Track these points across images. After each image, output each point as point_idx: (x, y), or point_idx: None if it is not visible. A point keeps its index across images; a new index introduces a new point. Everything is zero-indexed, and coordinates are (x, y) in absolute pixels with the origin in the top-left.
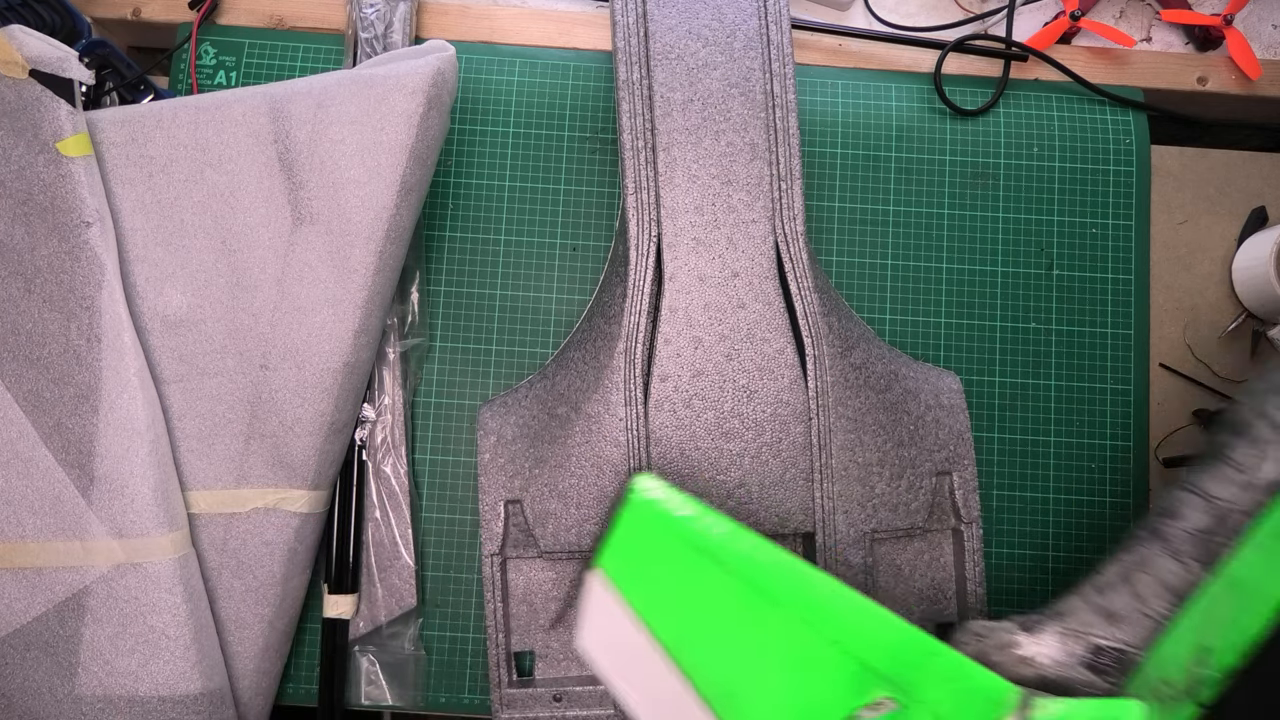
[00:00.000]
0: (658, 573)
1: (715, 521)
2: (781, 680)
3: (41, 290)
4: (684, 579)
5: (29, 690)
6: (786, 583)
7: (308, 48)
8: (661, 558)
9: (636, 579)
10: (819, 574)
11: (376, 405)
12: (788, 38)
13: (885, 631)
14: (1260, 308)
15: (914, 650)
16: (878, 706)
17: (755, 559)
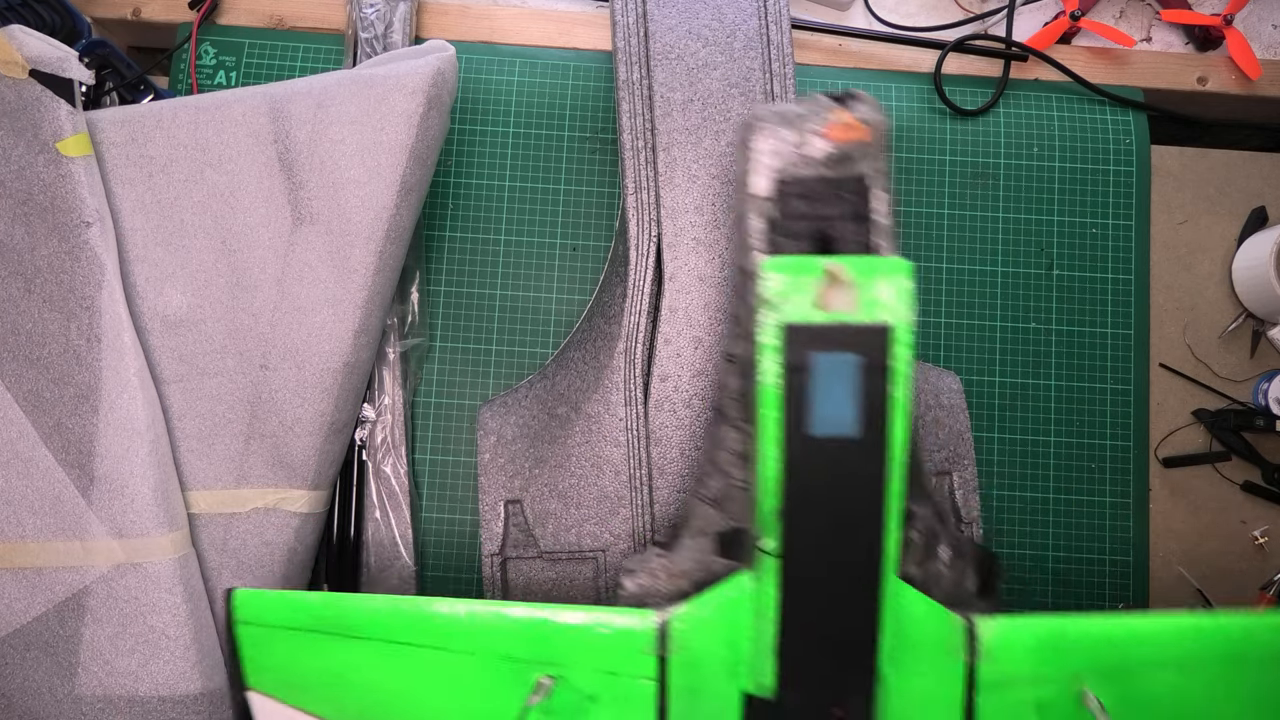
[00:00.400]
0: (301, 666)
1: (318, 601)
2: (453, 708)
3: (41, 290)
4: (325, 662)
5: (29, 690)
6: (406, 622)
7: (308, 48)
8: (297, 654)
9: (285, 682)
10: (434, 601)
11: (376, 405)
12: (788, 38)
13: (511, 623)
14: (1260, 308)
15: (543, 628)
16: (540, 688)
17: (369, 617)
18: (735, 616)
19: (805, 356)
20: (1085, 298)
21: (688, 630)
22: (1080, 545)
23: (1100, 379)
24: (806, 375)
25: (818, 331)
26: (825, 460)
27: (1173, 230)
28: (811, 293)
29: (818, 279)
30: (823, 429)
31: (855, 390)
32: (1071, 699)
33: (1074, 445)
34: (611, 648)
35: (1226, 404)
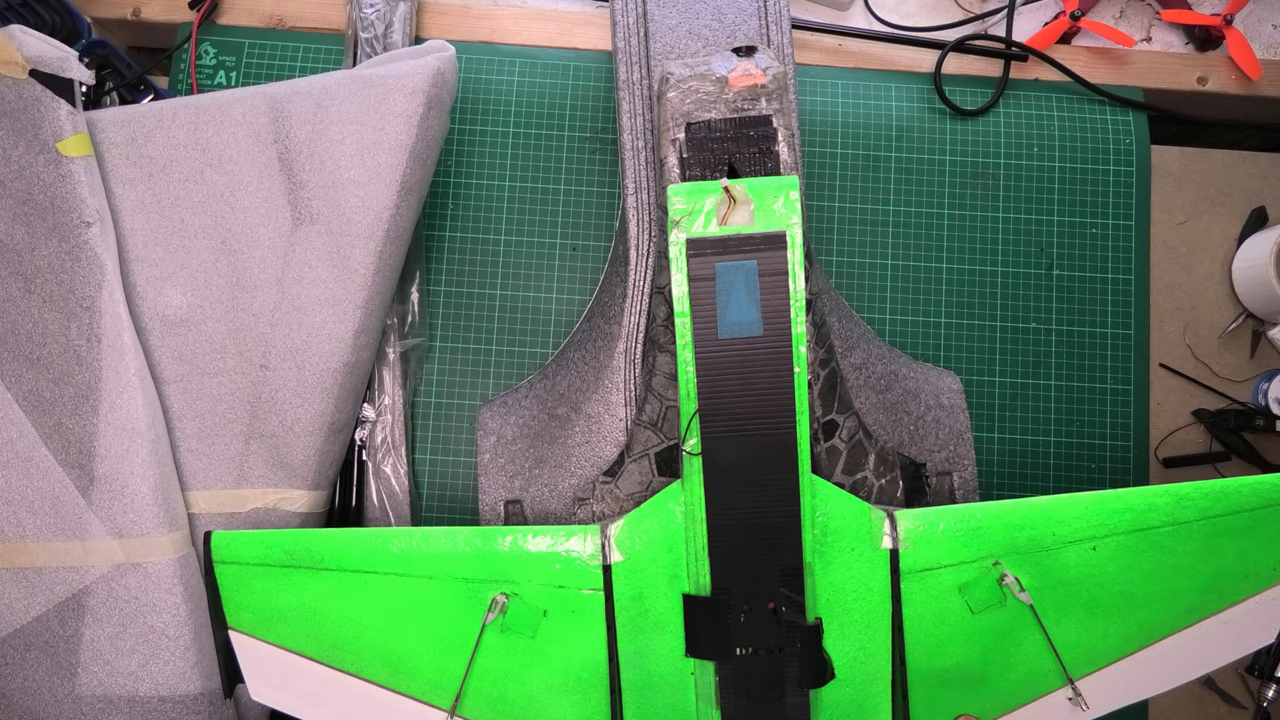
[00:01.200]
0: (276, 603)
1: (288, 537)
2: (417, 630)
3: (41, 290)
4: (298, 596)
5: (29, 690)
6: (368, 552)
7: (308, 48)
8: (271, 590)
9: (262, 619)
10: (393, 531)
11: (376, 405)
12: (788, 38)
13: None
14: (1260, 308)
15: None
16: (495, 604)
17: (335, 548)
18: (670, 521)
19: (709, 266)
20: (1085, 298)
21: (628, 540)
22: None
23: (1100, 379)
24: (712, 283)
25: (718, 243)
26: (736, 359)
27: (1173, 230)
28: (711, 210)
29: (717, 198)
30: (730, 331)
31: (756, 292)
32: (991, 579)
33: (1074, 445)
34: (559, 562)
35: (1226, 404)
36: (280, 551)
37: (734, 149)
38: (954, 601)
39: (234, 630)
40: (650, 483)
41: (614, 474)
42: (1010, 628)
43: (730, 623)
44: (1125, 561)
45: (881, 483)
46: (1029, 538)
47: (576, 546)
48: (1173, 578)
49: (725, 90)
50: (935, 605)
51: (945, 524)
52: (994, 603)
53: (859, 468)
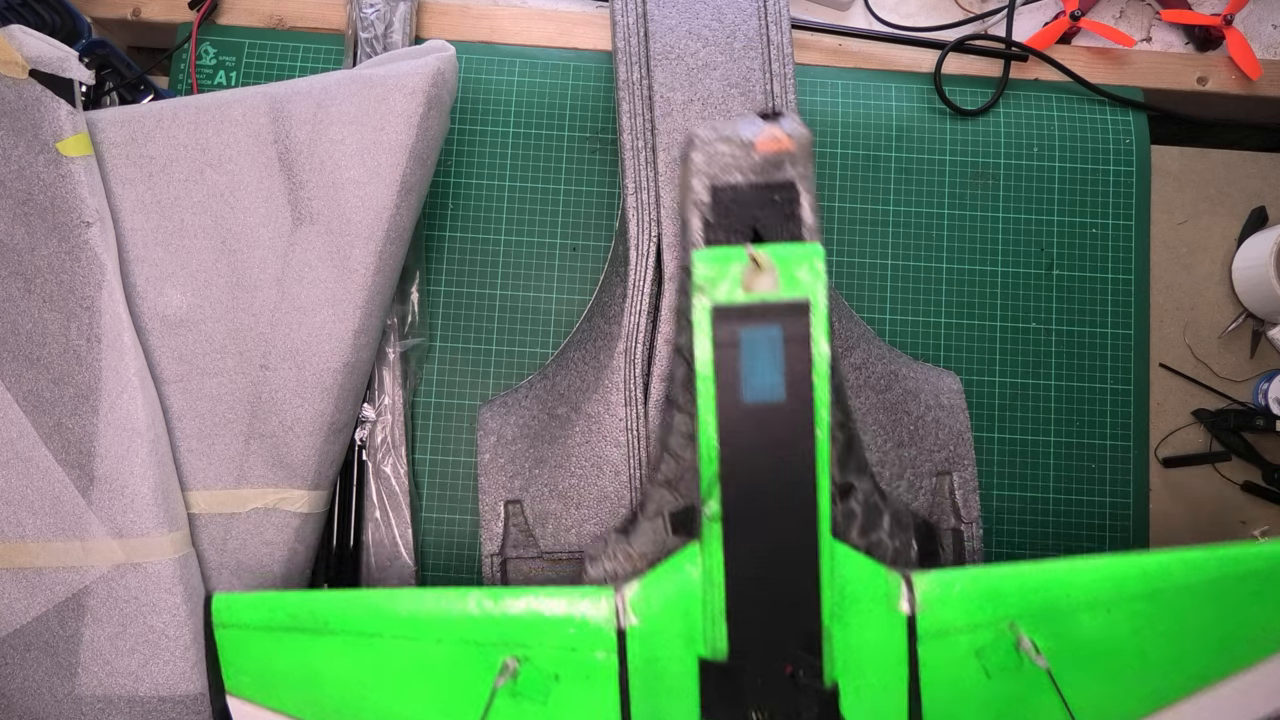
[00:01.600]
0: (278, 667)
1: (293, 600)
2: (424, 695)
3: (41, 290)
4: (300, 660)
5: (29, 690)
6: (375, 614)
7: (308, 48)
8: (273, 654)
9: (263, 684)
10: (399, 592)
11: (376, 405)
12: (788, 38)
13: (473, 608)
14: (1260, 308)
15: (503, 611)
16: (506, 668)
17: (341, 611)
18: (687, 586)
19: (733, 332)
20: (1085, 298)
21: (643, 603)
22: (1080, 545)
23: (1100, 379)
24: (735, 349)
25: (743, 310)
26: (757, 424)
27: (1173, 230)
28: (736, 277)
29: (741, 264)
30: (753, 396)
31: (779, 359)
32: (1008, 643)
33: (1074, 445)
34: (572, 626)
35: (1226, 404)
36: (284, 615)
37: (758, 213)
38: (970, 665)
39: (232, 696)
40: (665, 542)
41: (627, 531)
42: (1026, 692)
43: (746, 687)
44: (1139, 625)
45: (896, 544)
46: (1045, 601)
47: (590, 610)
48: (1186, 642)
49: (750, 154)
50: (952, 669)
51: (961, 586)
52: (1010, 667)
53: (874, 529)
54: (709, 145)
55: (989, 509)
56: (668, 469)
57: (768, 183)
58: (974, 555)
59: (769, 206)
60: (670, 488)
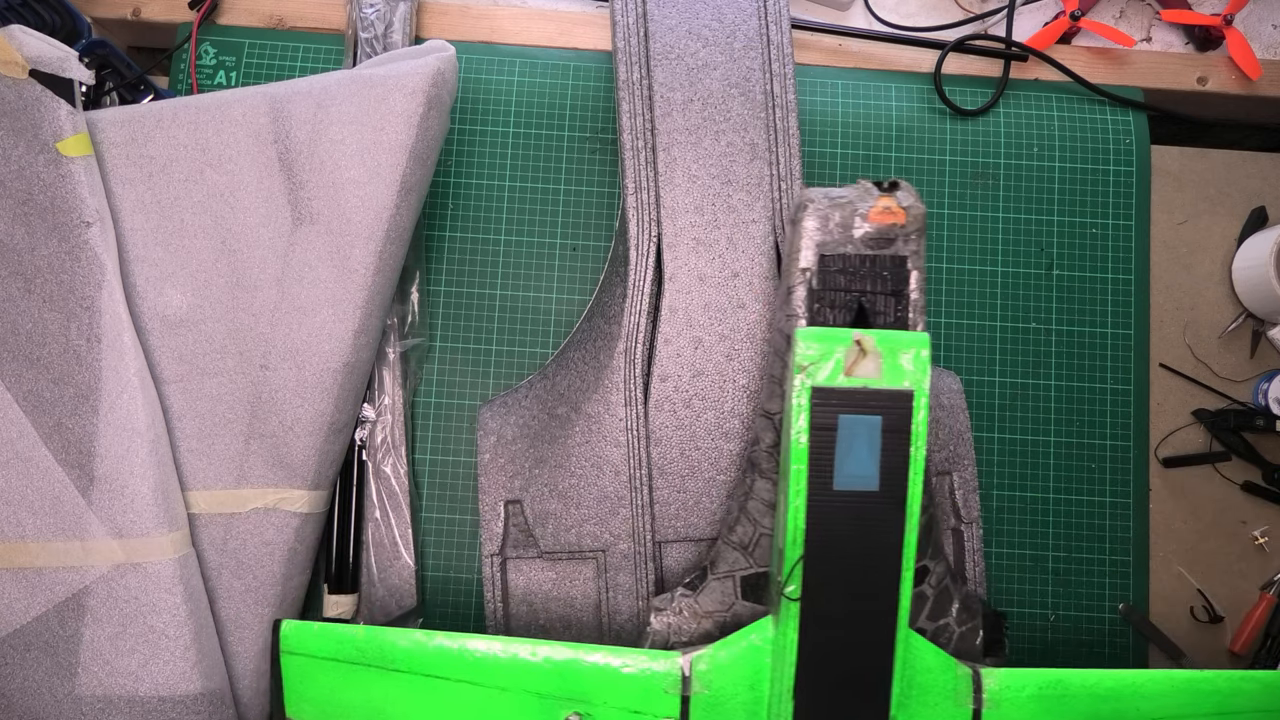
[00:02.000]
0: (341, 699)
1: (363, 634)
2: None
3: (41, 290)
4: (364, 694)
5: (29, 690)
6: (444, 657)
7: (308, 48)
8: (337, 686)
9: (326, 713)
10: (471, 638)
11: (376, 405)
12: (788, 38)
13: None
14: (1260, 308)
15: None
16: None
17: (410, 650)
18: (756, 659)
19: (832, 417)
20: (1085, 298)
21: (710, 672)
22: (1080, 545)
23: (1100, 379)
24: (833, 433)
25: (844, 394)
26: (847, 512)
27: (1173, 230)
28: (840, 360)
29: (846, 348)
30: (845, 483)
31: (876, 448)
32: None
33: (1074, 445)
34: (637, 688)
35: (1226, 404)
36: (351, 648)
37: (865, 287)
38: None
39: None
40: (733, 605)
41: (695, 587)
42: None
43: None
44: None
45: (963, 630)
46: (1113, 710)
47: (657, 672)
48: None
49: (861, 225)
50: None
51: (1030, 689)
52: None
53: (943, 614)
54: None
55: (989, 509)
56: (743, 532)
57: (878, 256)
58: (974, 555)
59: (877, 281)
60: (744, 551)
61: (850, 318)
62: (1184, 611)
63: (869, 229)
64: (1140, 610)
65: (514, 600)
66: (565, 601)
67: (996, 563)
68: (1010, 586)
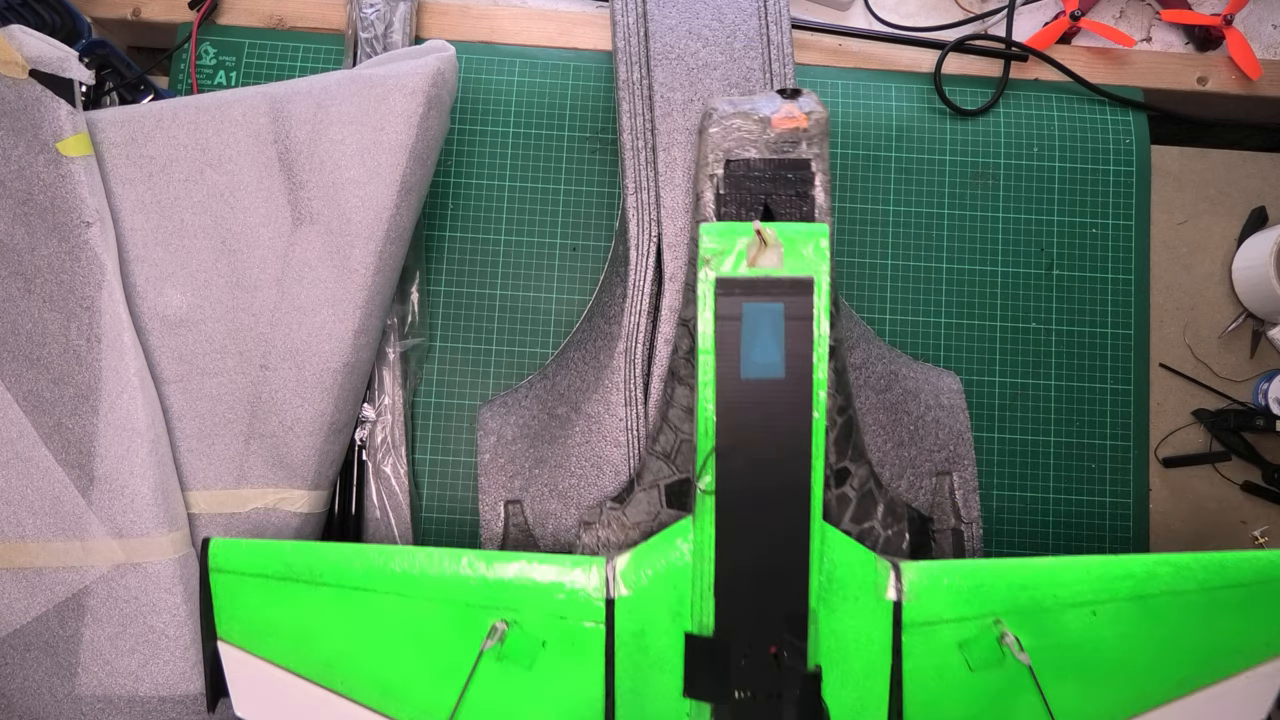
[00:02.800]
0: (270, 617)
1: (289, 549)
2: (412, 653)
3: (41, 290)
4: (292, 611)
5: (29, 690)
6: (370, 569)
7: (308, 48)
8: (266, 603)
9: (254, 632)
10: (396, 549)
11: (376, 405)
12: (788, 38)
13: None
14: (1260, 308)
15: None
16: (494, 632)
17: (336, 564)
18: (678, 560)
19: (736, 306)
20: (1085, 298)
21: (633, 575)
22: (1080, 545)
23: (1100, 379)
24: (737, 323)
25: (747, 284)
26: (756, 400)
27: (1173, 230)
28: (743, 251)
29: (748, 240)
30: (752, 372)
31: (780, 336)
32: (991, 637)
33: (1074, 445)
34: (561, 594)
35: (1226, 404)
36: (280, 563)
37: (771, 190)
38: (953, 658)
39: (224, 642)
40: (659, 514)
41: (622, 501)
42: (1007, 688)
43: (730, 665)
44: (1123, 629)
45: (888, 533)
46: (1031, 598)
47: (581, 578)
48: (1169, 648)
49: (766, 131)
50: (935, 660)
51: (949, 579)
52: (993, 662)
53: (868, 517)
54: (726, 119)
55: (989, 509)
56: (666, 441)
57: (782, 159)
58: (974, 555)
59: (782, 184)
60: (667, 460)
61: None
62: None
63: (772, 134)
64: None
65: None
66: None
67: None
68: None
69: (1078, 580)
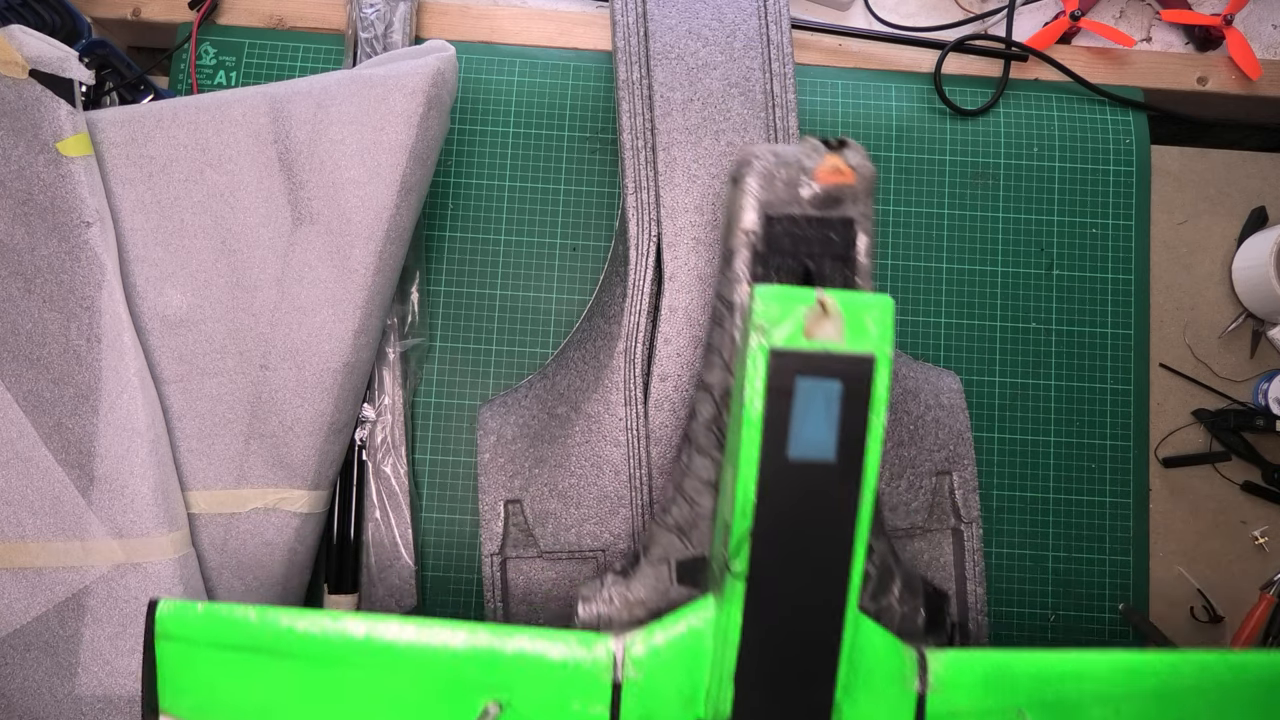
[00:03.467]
0: (226, 688)
1: (250, 614)
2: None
3: (41, 290)
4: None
5: (29, 690)
6: (347, 642)
7: (308, 48)
8: (222, 675)
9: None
10: (379, 619)
11: (376, 405)
12: (788, 38)
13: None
14: (1260, 308)
15: (491, 650)
16: (486, 714)
17: (307, 632)
18: (695, 643)
19: (789, 380)
20: (1085, 298)
21: (645, 656)
22: (1080, 545)
23: (1100, 379)
24: (789, 398)
25: (803, 357)
26: (801, 484)
27: (1173, 230)
28: (800, 321)
29: (807, 308)
30: (801, 452)
31: (836, 416)
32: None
33: (1074, 445)
34: (563, 674)
35: (1226, 404)
36: (241, 633)
37: (811, 250)
38: None
39: (166, 715)
40: (668, 591)
41: (626, 574)
42: None
43: None
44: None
45: (904, 610)
46: (1055, 692)
47: (585, 657)
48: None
49: (809, 185)
50: None
51: (976, 669)
52: None
53: (885, 593)
54: (766, 171)
55: (989, 509)
56: (679, 514)
57: (824, 218)
58: (974, 555)
59: (824, 244)
60: (680, 534)
61: (795, 281)
62: (1184, 611)
63: (816, 189)
64: (1140, 610)
65: (514, 600)
66: (565, 601)
67: (996, 563)
68: (1010, 586)
69: (1102, 675)
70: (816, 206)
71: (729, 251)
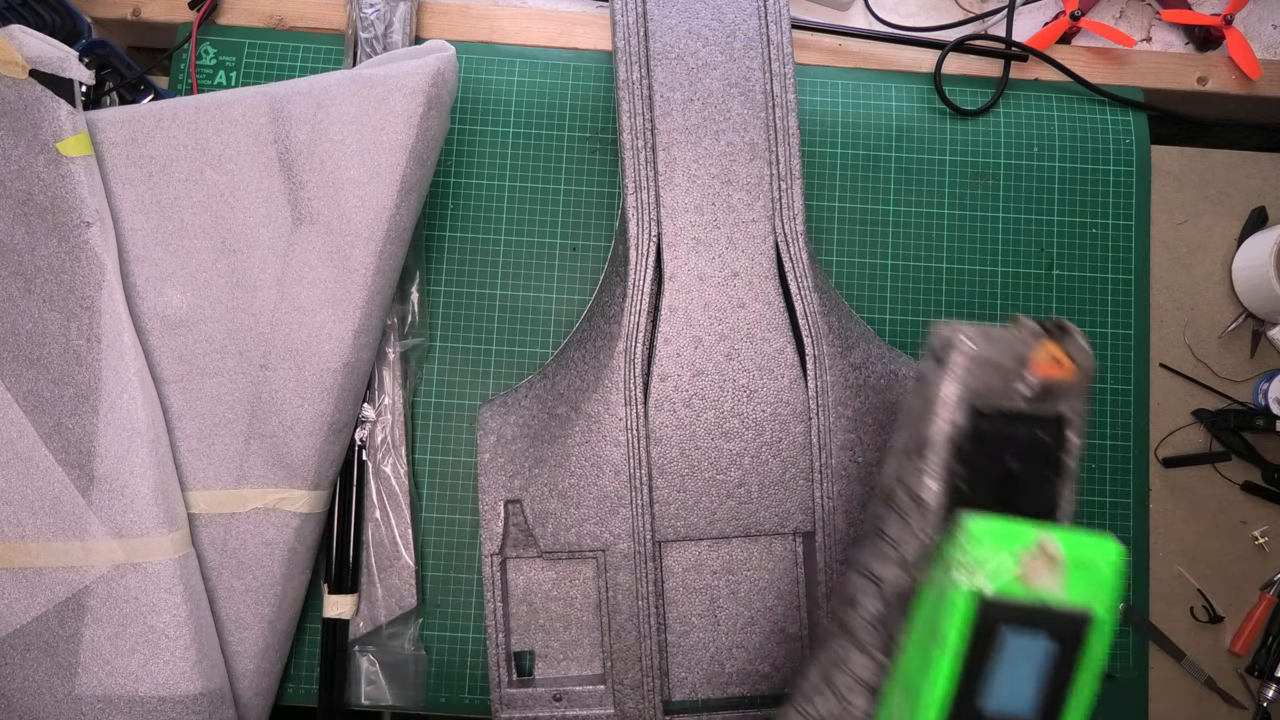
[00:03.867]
0: None
1: None
2: None
3: (41, 290)
4: None
5: (29, 690)
6: None
7: (308, 48)
8: None
9: None
10: None
11: (376, 405)
12: (788, 38)
13: None
14: (1260, 308)
15: None
16: None
17: None
18: None
19: (996, 630)
20: (1085, 298)
21: None
22: None
23: (1100, 379)
24: (989, 649)
25: (1016, 609)
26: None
27: (1173, 230)
28: (1016, 564)
29: (1027, 550)
30: (996, 707)
31: (1041, 675)
32: None
33: None
34: None
35: (1226, 404)
36: None
37: (1019, 451)
38: None
39: None
40: None
41: None
42: None
43: None
44: None
45: None
46: None
47: None
48: None
49: (1020, 376)
50: None
51: None
52: None
53: None
54: (976, 355)
55: None
56: (826, 708)
57: (1035, 415)
58: None
59: (1031, 445)
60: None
61: (994, 490)
62: (1184, 611)
63: (1028, 381)
64: (1140, 610)
65: (514, 600)
66: (565, 601)
67: None
68: None
69: None
70: (1025, 400)
71: (922, 439)
